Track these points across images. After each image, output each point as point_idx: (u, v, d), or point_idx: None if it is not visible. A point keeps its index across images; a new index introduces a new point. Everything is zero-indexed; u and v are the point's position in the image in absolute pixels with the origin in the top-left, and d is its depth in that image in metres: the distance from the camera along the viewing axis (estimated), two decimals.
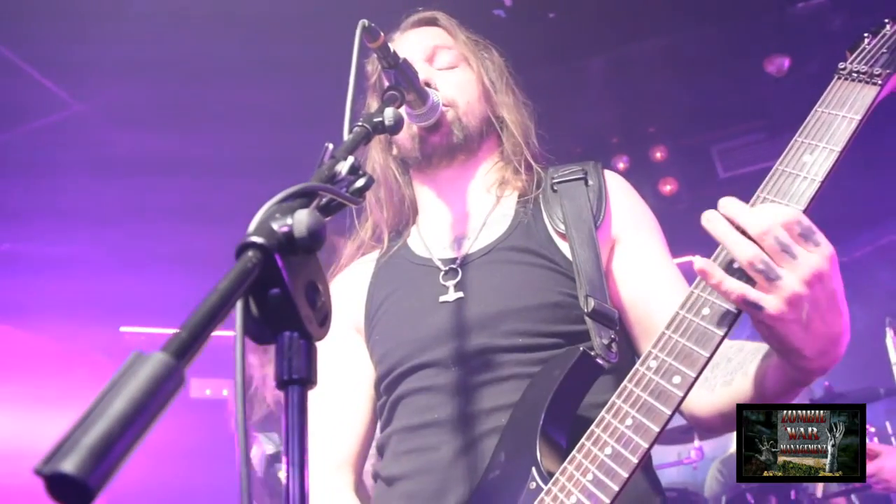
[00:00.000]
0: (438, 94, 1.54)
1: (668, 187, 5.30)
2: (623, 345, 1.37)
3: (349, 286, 1.67)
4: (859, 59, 1.18)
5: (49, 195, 4.57)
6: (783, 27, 4.45)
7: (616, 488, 1.04)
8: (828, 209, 1.05)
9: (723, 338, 1.04)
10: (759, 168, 5.20)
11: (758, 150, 5.26)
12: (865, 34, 1.22)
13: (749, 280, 1.02)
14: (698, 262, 1.04)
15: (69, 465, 0.46)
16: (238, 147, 4.47)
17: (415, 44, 1.66)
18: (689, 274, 1.18)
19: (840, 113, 1.11)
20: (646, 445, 1.04)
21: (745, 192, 1.10)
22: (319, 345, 0.78)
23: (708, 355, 1.04)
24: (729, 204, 1.04)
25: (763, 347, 1.18)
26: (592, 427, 1.11)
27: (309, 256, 0.74)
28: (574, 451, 1.12)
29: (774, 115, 5.08)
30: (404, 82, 1.35)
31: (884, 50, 1.18)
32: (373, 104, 1.73)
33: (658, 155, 5.33)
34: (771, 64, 4.67)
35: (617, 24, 4.23)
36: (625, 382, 1.10)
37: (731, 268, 1.04)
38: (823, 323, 1.02)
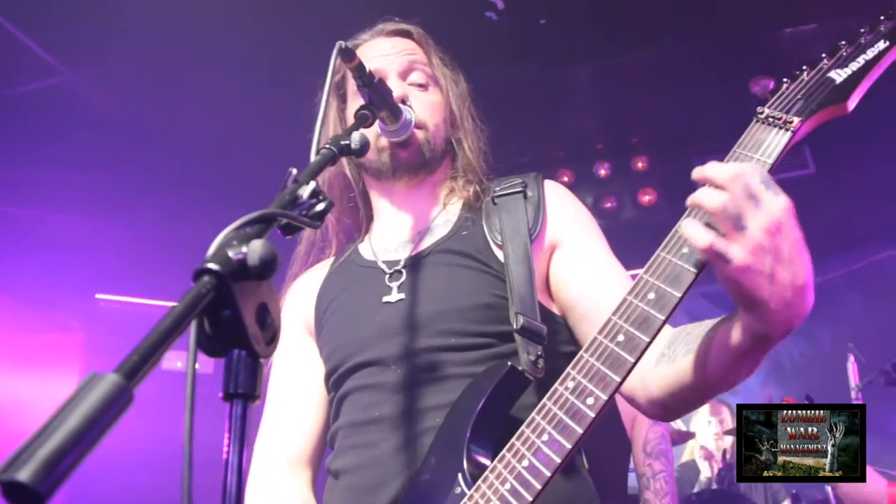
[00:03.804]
0: (412, 113, 1.59)
1: (646, 198, 5.38)
2: (552, 357, 1.43)
3: (302, 291, 1.76)
4: (776, 104, 1.22)
5: (30, 160, 4.59)
6: (770, 50, 4.53)
7: (530, 499, 1.13)
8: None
9: (634, 364, 1.11)
10: None
11: None
12: (784, 79, 1.26)
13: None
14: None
15: (23, 475, 0.54)
16: (223, 126, 4.51)
17: (390, 55, 1.70)
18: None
19: (755, 156, 1.17)
20: (559, 460, 1.12)
21: None
22: (277, 348, 0.86)
23: (619, 380, 1.11)
24: (698, 168, 1.09)
25: (720, 318, 1.20)
26: (513, 440, 1.20)
27: (261, 281, 0.81)
28: (495, 461, 1.21)
29: None
30: (377, 100, 1.42)
31: (798, 97, 1.22)
32: (333, 103, 1.78)
33: (640, 165, 5.40)
34: (756, 84, 4.74)
35: (607, 33, 4.30)
36: (544, 400, 1.18)
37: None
38: (787, 272, 1.04)
